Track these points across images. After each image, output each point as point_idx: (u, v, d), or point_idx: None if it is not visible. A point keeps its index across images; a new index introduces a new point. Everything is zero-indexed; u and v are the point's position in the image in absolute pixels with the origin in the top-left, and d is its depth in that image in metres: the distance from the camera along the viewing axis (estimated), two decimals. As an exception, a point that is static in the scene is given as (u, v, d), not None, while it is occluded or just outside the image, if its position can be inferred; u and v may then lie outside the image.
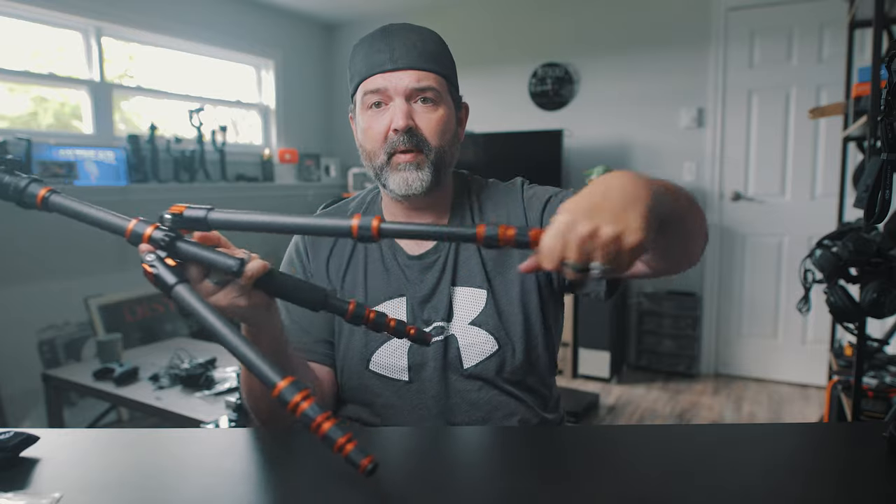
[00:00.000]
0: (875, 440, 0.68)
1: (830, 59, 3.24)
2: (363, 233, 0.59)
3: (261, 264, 0.68)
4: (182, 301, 0.62)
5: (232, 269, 0.64)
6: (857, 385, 1.72)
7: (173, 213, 0.64)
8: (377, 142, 0.91)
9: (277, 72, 4.28)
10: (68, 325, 3.03)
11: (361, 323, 0.72)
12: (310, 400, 0.55)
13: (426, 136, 0.90)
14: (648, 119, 3.72)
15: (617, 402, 3.24)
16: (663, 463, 0.67)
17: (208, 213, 0.63)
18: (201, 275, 0.67)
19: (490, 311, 0.93)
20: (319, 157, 4.52)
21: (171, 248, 0.64)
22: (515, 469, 0.67)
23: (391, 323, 0.73)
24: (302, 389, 0.55)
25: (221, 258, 0.64)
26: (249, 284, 0.67)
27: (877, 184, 1.13)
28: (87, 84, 3.17)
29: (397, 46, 0.90)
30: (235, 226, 0.64)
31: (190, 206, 0.64)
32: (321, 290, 0.71)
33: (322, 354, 0.96)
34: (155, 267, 0.62)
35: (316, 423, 0.54)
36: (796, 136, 3.39)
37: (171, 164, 3.42)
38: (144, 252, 0.63)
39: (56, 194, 0.65)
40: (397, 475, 0.65)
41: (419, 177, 0.90)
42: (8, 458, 0.66)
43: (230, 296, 0.68)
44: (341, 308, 0.71)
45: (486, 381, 0.92)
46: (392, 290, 0.96)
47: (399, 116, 0.88)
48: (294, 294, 0.71)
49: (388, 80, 0.89)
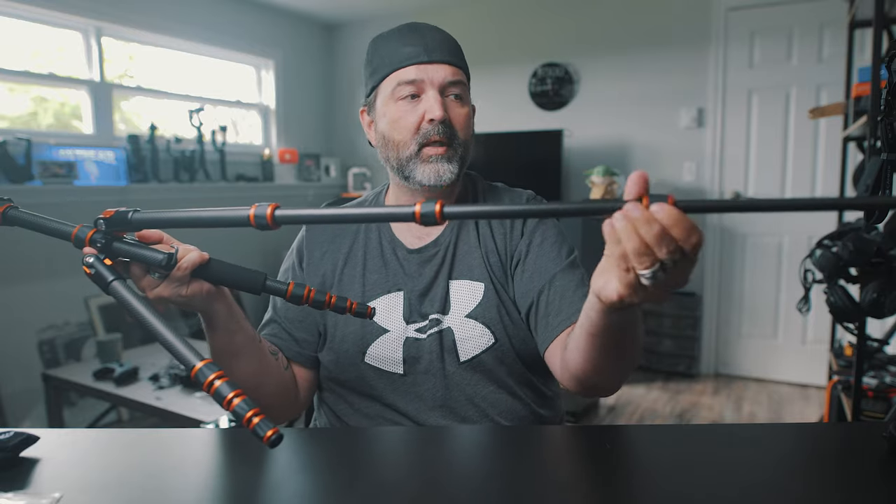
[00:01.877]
0: (875, 440, 0.68)
1: (830, 59, 3.24)
2: (259, 221, 0.62)
3: (196, 255, 0.72)
4: (116, 295, 0.67)
5: (161, 262, 0.69)
6: (857, 385, 1.72)
7: (105, 217, 0.69)
8: (409, 132, 0.91)
9: (277, 72, 4.28)
10: (68, 325, 3.03)
11: (302, 303, 0.75)
12: (223, 379, 0.59)
13: (457, 130, 0.92)
14: (648, 119, 3.72)
15: (617, 402, 3.24)
16: (663, 463, 0.67)
17: (132, 213, 0.68)
18: (143, 270, 0.71)
19: (487, 304, 0.93)
20: (319, 157, 4.52)
21: (108, 249, 0.69)
22: (515, 469, 0.67)
23: (332, 300, 0.76)
24: (216, 370, 0.60)
25: (151, 253, 0.69)
26: (187, 274, 0.71)
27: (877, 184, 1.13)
28: (87, 84, 3.17)
29: (430, 40, 0.91)
30: (158, 223, 0.69)
31: (119, 209, 0.69)
32: (260, 274, 0.76)
33: (295, 353, 0.97)
34: (93, 267, 0.67)
35: (227, 399, 0.58)
36: (796, 136, 3.39)
37: (171, 164, 3.42)
38: (86, 254, 0.68)
39: (13, 209, 0.70)
40: (397, 475, 0.65)
41: (449, 168, 0.91)
42: (8, 458, 0.66)
43: (171, 287, 0.72)
44: (279, 290, 0.75)
45: (483, 374, 0.93)
46: (390, 283, 0.96)
47: (436, 107, 0.89)
48: (233, 279, 0.76)
49: (423, 72, 0.90)
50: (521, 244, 0.96)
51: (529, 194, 1.03)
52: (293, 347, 0.97)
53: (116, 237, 0.70)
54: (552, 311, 0.89)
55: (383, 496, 0.59)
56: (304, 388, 0.99)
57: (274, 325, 0.98)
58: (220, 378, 0.59)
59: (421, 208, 0.58)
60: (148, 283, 0.71)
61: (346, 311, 0.77)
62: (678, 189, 3.67)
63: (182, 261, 0.70)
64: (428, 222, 0.58)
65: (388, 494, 0.59)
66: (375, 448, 0.76)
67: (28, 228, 0.71)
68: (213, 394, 0.59)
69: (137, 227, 0.69)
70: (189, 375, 2.43)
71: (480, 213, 0.64)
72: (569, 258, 0.94)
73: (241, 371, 0.84)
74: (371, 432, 0.87)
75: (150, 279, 0.71)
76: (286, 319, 0.98)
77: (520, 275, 0.94)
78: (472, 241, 0.97)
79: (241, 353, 0.85)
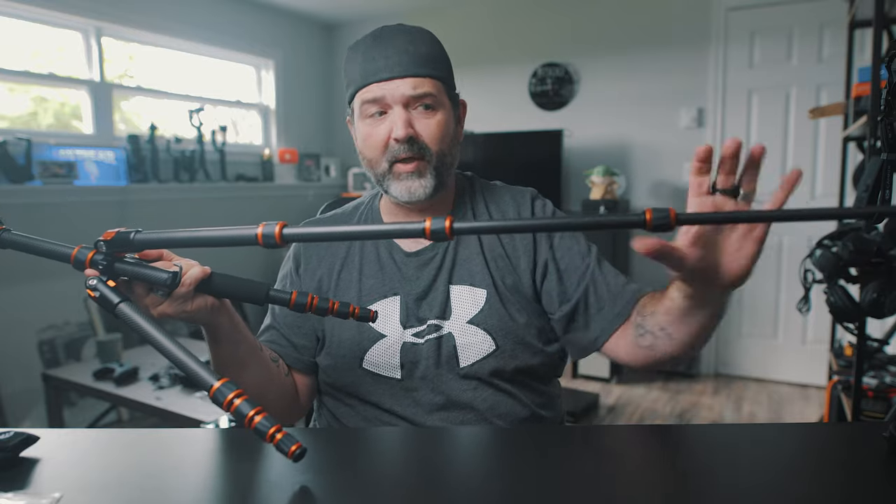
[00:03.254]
0: (875, 440, 0.68)
1: (830, 59, 3.24)
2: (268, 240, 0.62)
3: (198, 271, 0.71)
4: (125, 318, 0.67)
5: (165, 282, 0.69)
6: (857, 385, 1.72)
7: (106, 239, 0.68)
8: (378, 150, 0.91)
9: (277, 72, 4.28)
10: (68, 325, 3.03)
11: (306, 311, 0.75)
12: (242, 398, 0.60)
13: (427, 143, 0.90)
14: (648, 119, 3.72)
15: (617, 403, 3.24)
16: (663, 463, 0.67)
17: (135, 234, 0.67)
18: (146, 290, 0.71)
19: (490, 310, 0.92)
20: (319, 157, 4.52)
21: (111, 270, 0.69)
22: (515, 469, 0.67)
23: (335, 306, 0.76)
24: (235, 390, 0.61)
25: (155, 273, 0.69)
26: (191, 291, 0.71)
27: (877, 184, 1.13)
28: (87, 84, 3.17)
29: (391, 53, 0.88)
30: (160, 244, 0.68)
31: (120, 230, 0.68)
32: (263, 285, 0.75)
33: (294, 359, 0.97)
34: (97, 290, 0.67)
35: (248, 417, 0.59)
36: (796, 136, 3.39)
37: (171, 164, 3.41)
38: (89, 277, 0.68)
39: (7, 232, 0.70)
40: (397, 475, 0.65)
41: (421, 184, 0.90)
42: (8, 458, 0.66)
43: (175, 304, 0.71)
44: (283, 299, 0.75)
45: (483, 380, 0.92)
46: (386, 288, 0.95)
47: (399, 126, 0.87)
48: (236, 292, 0.75)
49: (384, 90, 0.88)
50: (541, 246, 0.95)
51: (532, 192, 1.02)
52: (292, 354, 0.97)
53: (117, 257, 0.69)
54: (606, 305, 0.91)
55: (383, 496, 0.59)
56: (303, 394, 0.99)
57: (272, 332, 0.98)
58: (239, 396, 0.60)
59: (431, 224, 0.57)
60: (151, 302, 0.71)
61: (349, 315, 0.77)
62: (678, 189, 3.67)
63: (185, 277, 0.70)
64: (438, 238, 0.58)
65: (387, 494, 0.59)
66: (375, 448, 0.76)
67: (24, 251, 0.70)
68: (233, 412, 0.60)
69: (140, 249, 0.68)
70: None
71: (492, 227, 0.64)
72: (590, 248, 0.96)
73: (246, 381, 0.84)
74: (371, 432, 0.87)
75: (153, 297, 0.71)
76: (285, 325, 0.98)
77: (552, 275, 0.94)
78: (474, 247, 0.96)
79: (245, 364, 0.85)
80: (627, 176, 3.77)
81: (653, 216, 0.56)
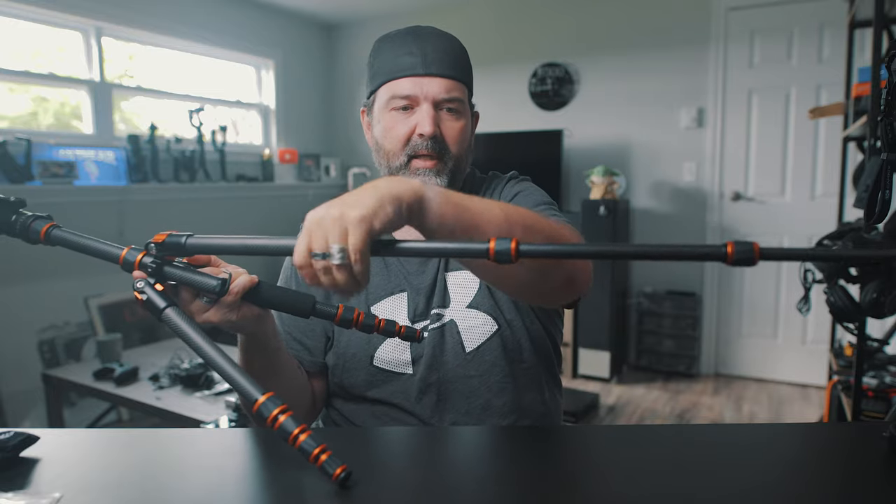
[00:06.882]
0: (875, 440, 0.68)
1: (830, 59, 3.24)
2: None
3: (246, 279, 0.70)
4: (170, 323, 0.66)
5: (214, 289, 0.68)
6: (857, 385, 1.72)
7: (157, 241, 0.67)
8: (398, 143, 0.91)
9: (277, 72, 4.28)
10: (68, 325, 3.03)
11: (351, 326, 0.73)
12: (287, 413, 0.58)
13: (449, 145, 0.91)
14: (648, 119, 3.72)
15: (617, 402, 3.24)
16: (663, 463, 0.67)
17: (187, 238, 0.66)
18: (192, 295, 0.70)
19: (484, 292, 0.94)
20: (319, 157, 4.52)
21: (159, 274, 0.68)
22: (515, 469, 0.67)
23: (381, 324, 0.74)
24: (280, 405, 0.59)
25: (204, 279, 0.68)
26: (237, 299, 0.70)
27: (877, 184, 1.13)
28: (87, 84, 3.17)
29: (429, 51, 0.90)
30: (212, 249, 0.67)
31: (172, 233, 0.67)
32: (309, 298, 0.73)
33: (309, 362, 0.97)
34: (144, 293, 0.66)
35: (293, 436, 0.57)
36: (796, 136, 3.39)
37: (171, 164, 3.41)
38: (136, 279, 0.67)
39: (57, 228, 0.69)
40: (398, 475, 0.65)
41: (437, 182, 0.91)
42: (8, 458, 0.66)
43: (220, 312, 0.70)
44: (329, 313, 0.73)
45: (490, 362, 0.92)
46: (393, 285, 0.96)
47: (427, 122, 0.89)
48: (282, 304, 0.73)
49: (417, 85, 0.89)
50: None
51: (512, 174, 1.04)
52: (307, 357, 0.97)
53: (167, 261, 0.68)
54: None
55: (384, 496, 0.59)
56: (318, 398, 0.99)
57: (283, 336, 0.97)
58: (284, 413, 0.58)
59: (496, 245, 0.56)
60: (197, 308, 0.70)
61: (395, 334, 0.75)
62: (678, 189, 3.67)
63: (233, 285, 0.69)
64: (502, 260, 0.56)
65: (389, 494, 0.59)
66: (377, 448, 0.75)
67: (71, 249, 0.69)
68: (276, 429, 0.58)
69: (192, 253, 0.67)
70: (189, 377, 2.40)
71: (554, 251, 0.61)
72: (545, 201, 0.95)
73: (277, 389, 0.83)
74: (374, 432, 0.87)
75: (199, 304, 0.70)
76: (295, 329, 0.97)
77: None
78: None
79: (280, 372, 0.85)
80: (627, 176, 3.77)
81: (734, 249, 0.51)
